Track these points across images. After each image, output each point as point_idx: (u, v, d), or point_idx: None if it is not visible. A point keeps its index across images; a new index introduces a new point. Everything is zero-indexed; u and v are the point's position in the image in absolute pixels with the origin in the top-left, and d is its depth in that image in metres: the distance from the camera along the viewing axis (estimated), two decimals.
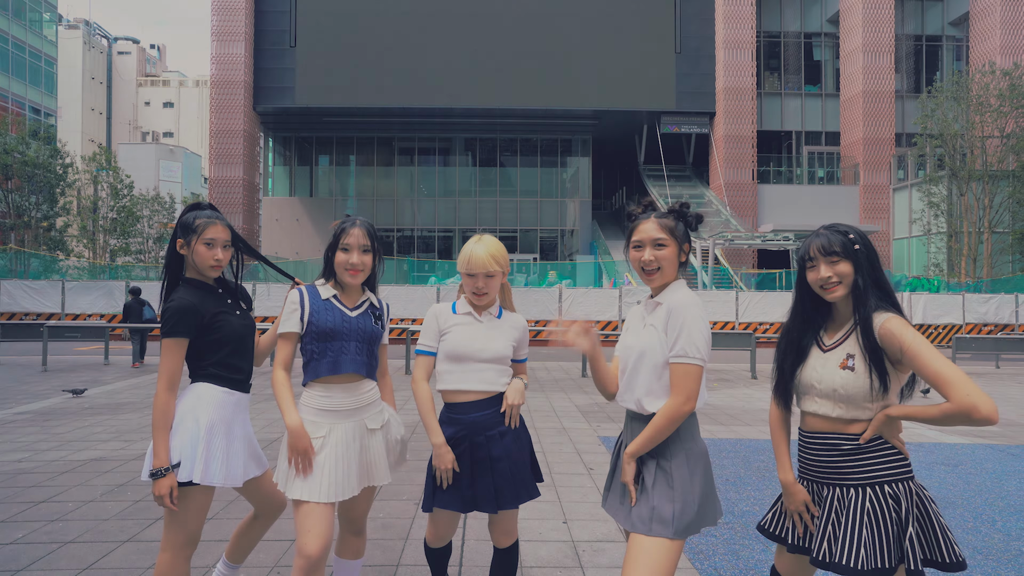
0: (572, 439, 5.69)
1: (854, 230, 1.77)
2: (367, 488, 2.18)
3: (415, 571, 2.89)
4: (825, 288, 1.75)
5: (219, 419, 2.06)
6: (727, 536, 3.41)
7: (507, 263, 2.13)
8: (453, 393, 2.09)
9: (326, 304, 2.11)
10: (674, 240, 1.84)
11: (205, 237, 2.08)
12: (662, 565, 1.67)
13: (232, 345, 2.11)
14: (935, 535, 1.65)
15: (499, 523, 2.15)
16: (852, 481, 1.70)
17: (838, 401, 1.71)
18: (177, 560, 2.01)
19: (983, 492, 4.33)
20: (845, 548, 1.65)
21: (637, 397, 1.82)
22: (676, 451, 1.78)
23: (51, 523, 3.42)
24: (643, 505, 1.75)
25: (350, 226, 2.11)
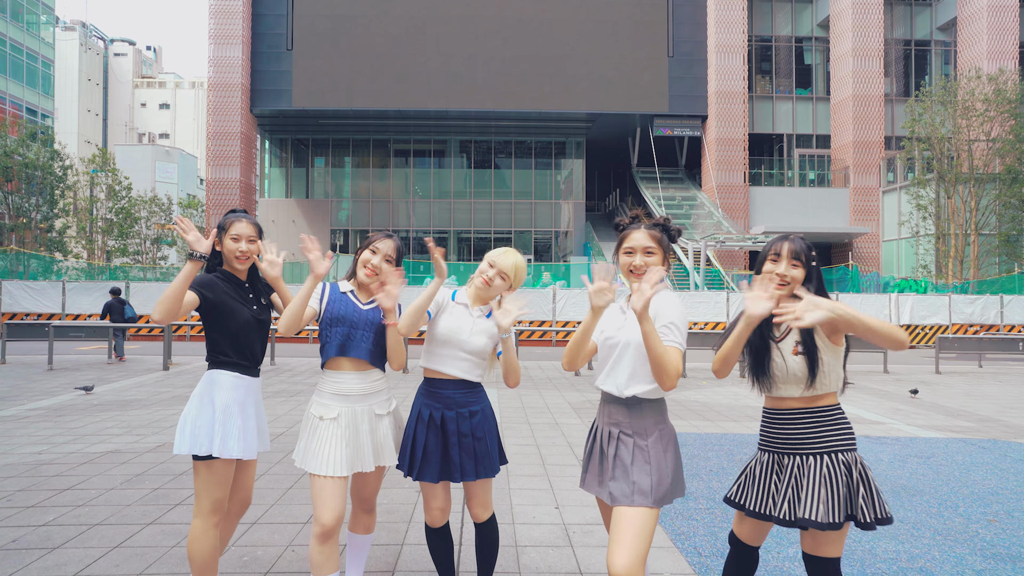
0: (564, 433, 5.96)
1: (813, 247, 2.10)
2: (377, 468, 2.44)
3: (418, 549, 3.15)
4: (777, 283, 2.04)
5: (233, 400, 2.35)
6: (707, 520, 3.69)
7: (520, 282, 2.40)
8: (435, 372, 2.37)
9: (343, 296, 2.42)
10: (661, 249, 2.10)
11: (232, 232, 2.42)
12: (645, 530, 1.94)
13: (243, 333, 2.40)
14: (876, 497, 1.97)
15: (473, 496, 2.42)
16: (812, 450, 2.01)
17: (801, 382, 2.01)
18: (206, 525, 2.30)
19: (950, 482, 4.62)
20: (807, 506, 1.94)
21: (618, 382, 2.07)
22: (651, 430, 2.05)
23: (78, 508, 3.66)
24: (623, 481, 2.01)
25: (384, 237, 2.44)
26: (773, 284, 2.01)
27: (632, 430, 2.05)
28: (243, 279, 2.50)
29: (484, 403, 2.43)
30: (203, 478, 2.30)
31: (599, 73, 28.02)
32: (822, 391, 2.02)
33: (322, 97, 28.06)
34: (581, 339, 2.10)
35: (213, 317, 2.39)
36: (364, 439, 2.34)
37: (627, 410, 2.07)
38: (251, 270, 2.54)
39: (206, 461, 2.29)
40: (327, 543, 2.23)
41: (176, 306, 2.21)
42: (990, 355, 14.14)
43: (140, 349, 14.13)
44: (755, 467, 2.17)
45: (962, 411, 7.62)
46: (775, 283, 2.02)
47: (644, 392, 2.04)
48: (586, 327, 2.08)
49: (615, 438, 2.08)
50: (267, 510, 3.69)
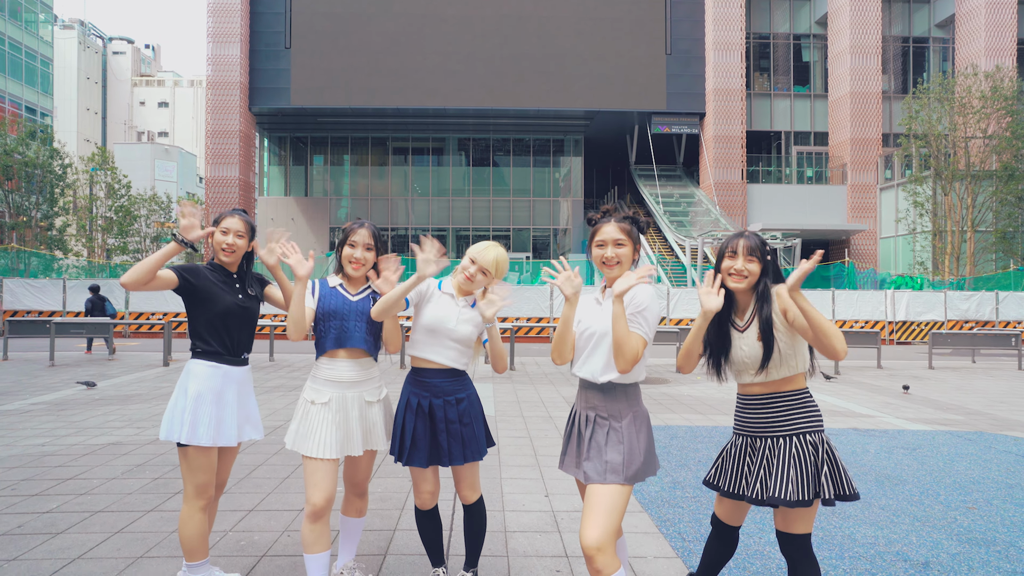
0: (557, 426, 6.06)
1: (767, 242, 2.22)
2: (367, 452, 2.54)
3: (410, 535, 3.25)
4: (732, 276, 2.16)
5: (207, 389, 2.44)
6: (693, 508, 3.79)
7: (502, 275, 2.51)
8: (422, 360, 2.47)
9: (332, 291, 2.51)
10: (631, 240, 2.23)
11: (222, 226, 2.54)
12: (616, 506, 2.05)
13: (223, 319, 2.50)
14: (840, 475, 2.07)
15: (461, 479, 2.52)
16: (781, 432, 2.12)
17: (770, 367, 2.12)
18: (192, 509, 2.42)
19: (934, 472, 4.72)
20: (778, 485, 2.06)
21: (593, 369, 2.18)
22: (625, 413, 2.16)
23: (80, 496, 3.76)
24: (597, 460, 2.12)
25: (359, 227, 2.51)
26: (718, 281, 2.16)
27: (608, 413, 2.16)
28: (232, 271, 2.61)
29: (470, 390, 2.53)
30: (183, 464, 2.44)
31: (597, 71, 28.07)
32: (786, 374, 2.12)
33: (321, 95, 28.12)
34: (563, 330, 2.22)
35: (194, 302, 2.49)
36: (353, 424, 2.43)
37: (603, 395, 2.18)
38: (243, 266, 2.64)
39: (183, 448, 2.42)
40: (318, 522, 2.33)
41: (145, 276, 2.32)
42: (984, 351, 14.24)
43: (140, 346, 14.24)
44: (730, 450, 2.27)
45: (952, 405, 7.72)
46: (734, 278, 2.16)
47: (619, 377, 2.15)
48: (566, 318, 2.20)
49: (592, 421, 2.18)
50: (264, 498, 3.80)
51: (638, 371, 2.18)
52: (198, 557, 2.44)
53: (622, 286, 2.04)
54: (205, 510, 2.45)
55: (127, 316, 16.79)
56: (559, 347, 2.24)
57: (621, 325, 2.04)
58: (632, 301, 2.14)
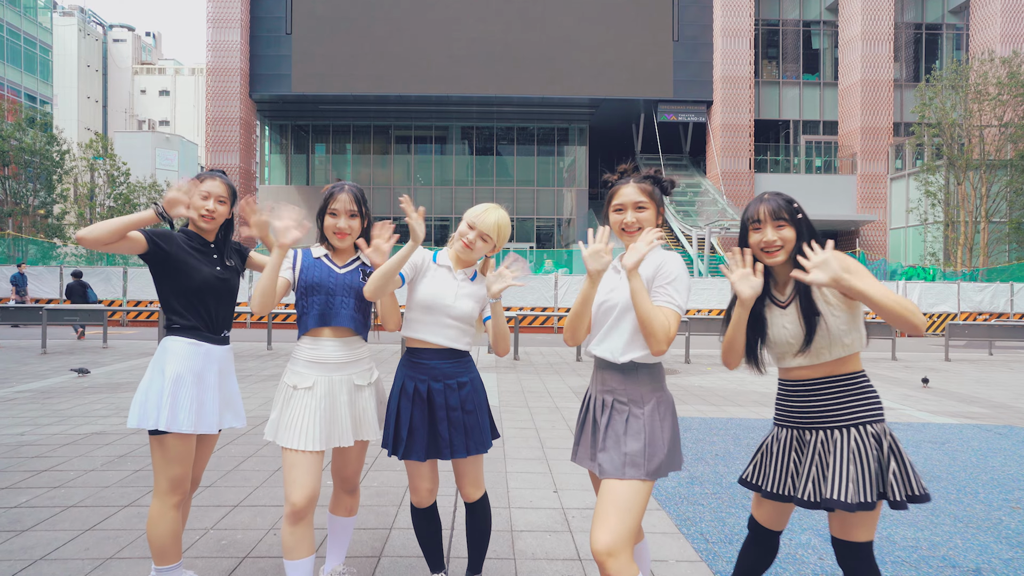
0: (564, 417, 5.77)
1: (795, 200, 1.88)
2: (358, 443, 2.25)
3: (407, 534, 2.97)
4: (767, 252, 1.84)
5: (187, 370, 2.15)
6: (714, 505, 3.50)
7: (503, 241, 2.20)
8: (419, 341, 2.16)
9: (316, 262, 2.20)
10: (653, 203, 1.94)
11: (202, 189, 2.24)
12: (634, 504, 1.75)
13: (199, 292, 2.21)
14: (907, 472, 1.74)
15: (464, 474, 2.22)
16: (836, 422, 1.80)
17: (820, 347, 1.80)
18: (164, 506, 2.12)
19: (968, 468, 4.42)
20: (835, 486, 1.73)
21: (613, 347, 1.88)
22: (648, 397, 1.86)
23: (53, 489, 3.49)
24: (614, 451, 1.82)
25: (338, 191, 2.20)
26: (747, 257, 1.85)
27: (627, 398, 1.87)
28: (210, 240, 2.31)
29: (473, 373, 2.23)
30: (157, 455, 2.13)
31: (602, 58, 27.56)
32: (840, 355, 1.80)
33: (322, 82, 27.70)
34: (581, 308, 1.92)
35: (165, 272, 2.20)
36: (342, 411, 2.13)
37: (622, 376, 1.88)
38: (220, 235, 2.35)
39: (159, 436, 2.11)
40: (299, 524, 2.04)
41: (109, 236, 2.04)
42: (1000, 342, 13.91)
43: (137, 334, 14.00)
44: (771, 444, 1.96)
45: (974, 398, 7.41)
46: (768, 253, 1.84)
47: (642, 357, 1.86)
48: (585, 295, 1.90)
49: (609, 407, 1.89)
50: (251, 492, 3.52)
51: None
52: (169, 560, 2.15)
53: (633, 258, 1.77)
54: (179, 507, 2.17)
55: (125, 303, 16.54)
56: (574, 326, 1.95)
57: (642, 301, 1.76)
58: (660, 271, 1.85)
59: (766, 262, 1.86)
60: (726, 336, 1.94)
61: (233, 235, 2.43)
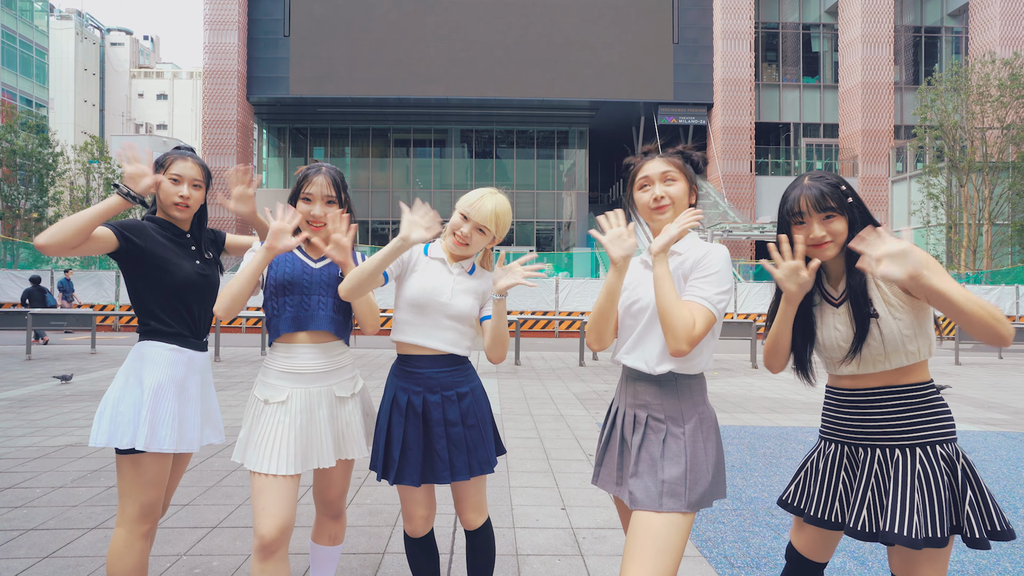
0: (570, 425, 5.49)
1: (843, 179, 1.59)
2: (341, 464, 1.96)
3: (403, 559, 2.68)
4: (816, 247, 1.56)
5: (168, 379, 1.86)
6: (736, 523, 3.22)
7: (503, 231, 1.94)
8: (411, 347, 1.88)
9: (288, 256, 1.91)
10: (684, 176, 1.65)
11: (171, 172, 1.92)
12: (674, 542, 1.47)
13: (181, 293, 1.91)
14: (987, 503, 1.47)
15: (464, 498, 1.92)
16: (899, 441, 1.52)
17: (875, 354, 1.53)
18: (132, 536, 1.82)
19: (1000, 479, 4.15)
20: (896, 516, 1.45)
21: (647, 356, 1.60)
22: (689, 415, 1.58)
23: (14, 510, 3.19)
24: (649, 478, 1.54)
25: (314, 174, 1.92)
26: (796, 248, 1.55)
27: (664, 414, 1.59)
28: (185, 230, 2.01)
29: (474, 382, 1.94)
30: (128, 477, 1.82)
31: (603, 60, 27.39)
32: (903, 363, 1.52)
33: (320, 85, 27.47)
34: (606, 304, 1.63)
35: (142, 271, 1.88)
36: (322, 427, 1.85)
37: (658, 389, 1.60)
38: (194, 222, 2.05)
39: (131, 456, 1.81)
40: (270, 559, 1.73)
41: (72, 238, 1.69)
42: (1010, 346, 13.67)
43: (128, 339, 13.69)
44: (817, 461, 1.69)
45: (993, 403, 7.15)
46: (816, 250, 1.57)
47: (681, 367, 1.57)
48: (610, 288, 1.61)
49: (642, 424, 1.61)
50: (231, 512, 3.23)
51: (704, 357, 1.61)
52: None
53: (662, 240, 1.53)
54: (148, 536, 1.87)
55: (117, 307, 16.23)
56: (599, 327, 1.67)
57: (664, 290, 1.50)
58: (701, 262, 1.57)
59: (813, 257, 1.58)
60: (770, 335, 1.67)
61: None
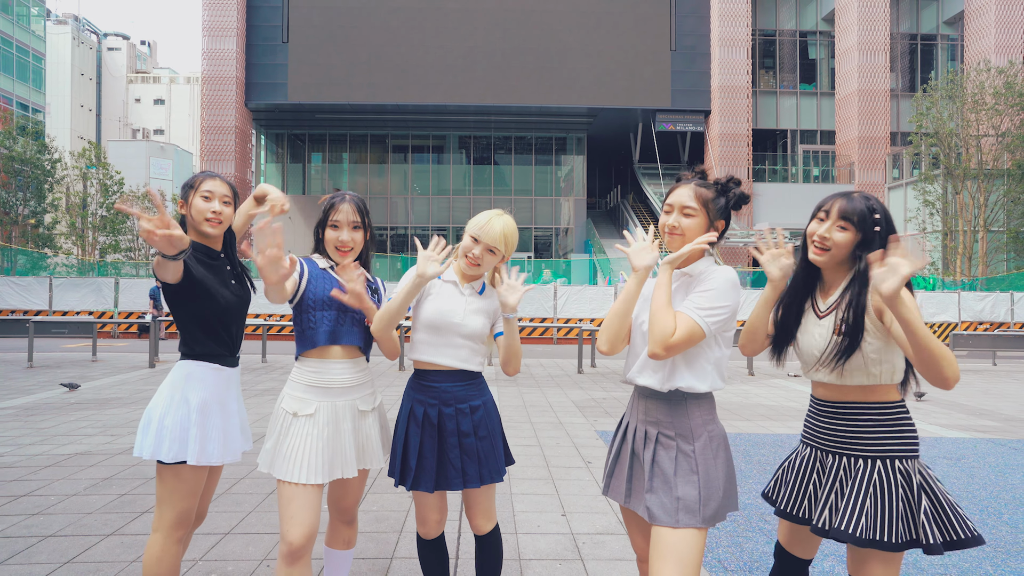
0: (569, 433, 5.59)
1: (882, 208, 1.68)
2: (360, 473, 2.08)
3: (410, 564, 2.79)
4: (816, 245, 1.71)
5: (212, 397, 1.98)
6: (730, 529, 3.33)
7: (512, 250, 2.06)
8: (427, 364, 2.01)
9: (323, 274, 2.03)
10: (705, 213, 1.73)
11: (202, 190, 2.00)
12: (692, 555, 1.59)
13: (221, 317, 2.02)
14: (946, 514, 1.59)
15: (475, 505, 2.05)
16: (862, 452, 1.66)
17: (836, 369, 1.67)
18: (168, 541, 1.93)
19: (987, 486, 4.27)
20: (846, 516, 1.60)
21: (659, 374, 1.70)
22: (699, 432, 1.69)
23: (31, 517, 3.29)
24: (665, 495, 1.65)
25: (340, 202, 2.03)
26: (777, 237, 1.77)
27: (675, 431, 1.69)
28: (217, 249, 2.09)
29: (486, 396, 2.07)
30: (169, 486, 1.92)
31: (600, 67, 27.60)
32: (864, 382, 1.64)
33: (318, 91, 27.61)
34: (622, 309, 1.74)
35: (189, 297, 1.96)
36: (346, 439, 1.97)
37: (668, 407, 1.71)
38: (225, 241, 2.13)
39: (173, 467, 1.92)
40: (296, 565, 1.85)
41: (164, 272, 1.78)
42: (1003, 353, 13.81)
43: (128, 346, 13.75)
44: (795, 461, 1.84)
45: (983, 410, 7.28)
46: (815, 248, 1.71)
47: (690, 386, 1.68)
48: (628, 295, 1.73)
49: (653, 440, 1.71)
50: (243, 519, 3.33)
51: (707, 377, 1.70)
52: None
53: (673, 255, 1.69)
54: (182, 541, 1.98)
55: (116, 315, 16.30)
56: (614, 331, 1.75)
57: (659, 294, 1.64)
58: (703, 278, 1.69)
59: (809, 256, 1.73)
60: (749, 318, 1.82)
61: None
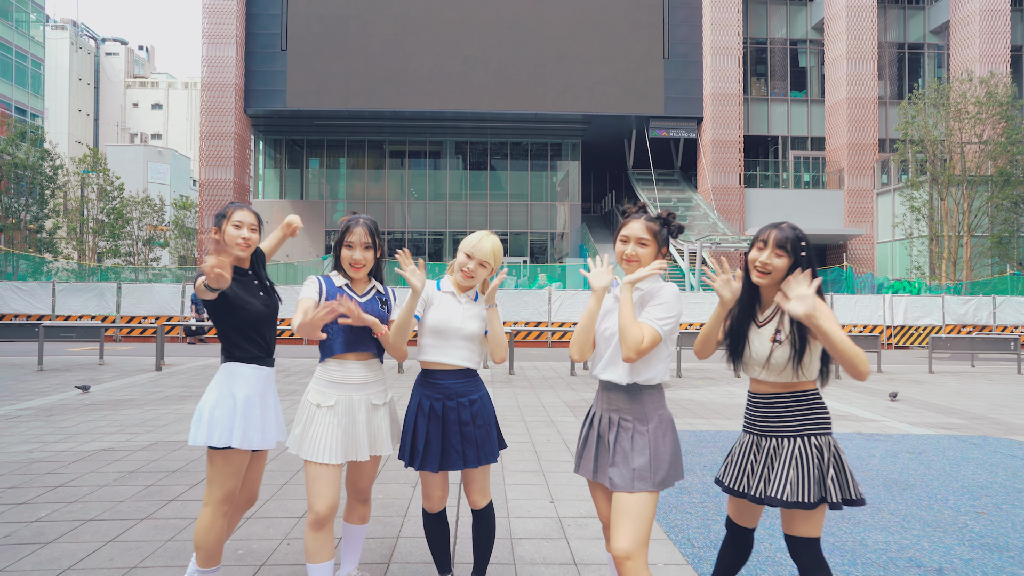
0: (559, 431, 5.97)
1: (805, 236, 2.10)
2: (372, 458, 2.46)
3: (413, 542, 3.15)
4: (758, 270, 2.08)
5: (254, 392, 2.37)
6: (700, 513, 3.71)
7: (499, 263, 2.45)
8: (433, 364, 2.40)
9: (339, 291, 2.41)
10: (655, 242, 2.14)
11: (233, 220, 2.43)
12: (645, 514, 1.99)
13: (255, 325, 2.41)
14: (847, 479, 2.00)
15: (472, 483, 2.44)
16: (786, 433, 2.06)
17: (771, 368, 2.06)
18: (216, 514, 2.31)
19: (941, 476, 4.66)
20: (776, 486, 2.00)
21: (619, 372, 2.10)
22: (651, 416, 2.09)
23: (70, 504, 3.64)
24: (623, 467, 2.04)
25: (354, 225, 2.42)
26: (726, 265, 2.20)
27: (633, 416, 2.09)
28: (246, 267, 2.50)
29: (482, 391, 2.46)
30: (218, 468, 2.31)
31: (595, 75, 28.07)
32: (791, 379, 2.05)
33: (317, 98, 27.99)
34: (587, 323, 2.14)
35: (225, 310, 2.37)
36: (360, 428, 2.35)
37: (627, 397, 2.11)
38: (253, 260, 2.55)
39: (223, 451, 2.31)
40: (321, 531, 2.25)
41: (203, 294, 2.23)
42: (982, 355, 14.26)
43: (132, 350, 14.07)
44: (737, 447, 2.23)
45: (953, 409, 7.68)
46: (756, 272, 2.09)
47: (645, 380, 2.08)
48: (590, 312, 2.13)
49: (615, 424, 2.11)
50: (263, 505, 3.69)
51: (657, 370, 2.10)
52: (213, 563, 2.36)
53: (632, 276, 2.05)
54: (227, 516, 2.37)
55: (118, 319, 16.60)
56: (582, 341, 2.16)
57: (626, 312, 2.00)
58: (656, 293, 2.09)
59: (752, 279, 2.11)
60: (703, 330, 2.23)
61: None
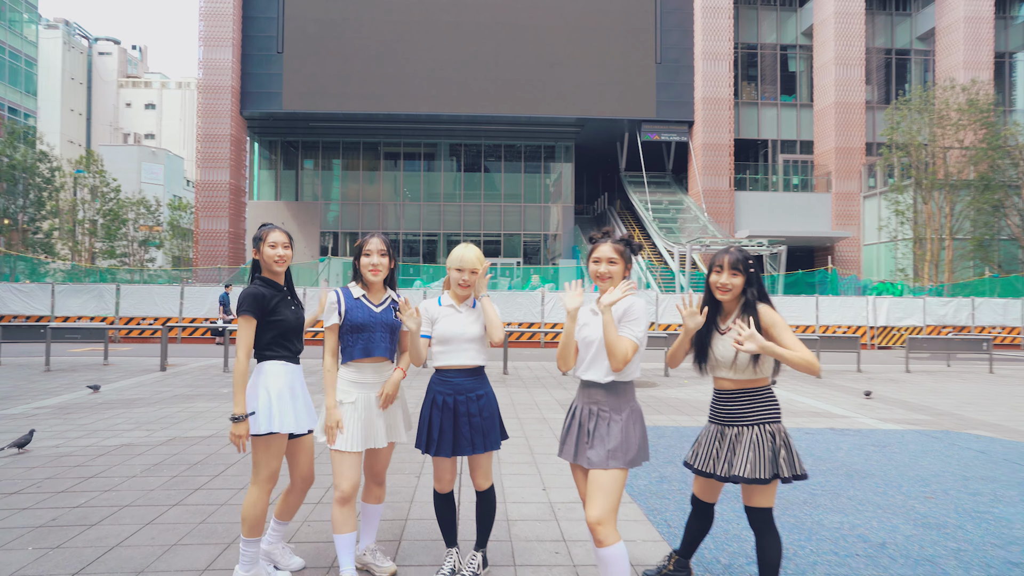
0: (552, 428, 6.36)
1: (751, 256, 2.55)
2: (388, 444, 2.86)
3: (419, 524, 3.54)
4: (720, 289, 2.53)
5: (284, 386, 2.76)
6: (679, 499, 4.11)
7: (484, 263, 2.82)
8: (445, 365, 2.80)
9: (357, 302, 2.80)
10: (622, 260, 2.58)
11: (269, 241, 2.81)
12: (616, 487, 2.40)
13: (287, 329, 2.81)
14: (793, 458, 2.45)
15: (477, 467, 2.84)
16: (746, 422, 2.50)
17: (734, 368, 2.50)
18: (262, 492, 2.71)
19: (899, 466, 5.08)
20: (738, 465, 2.45)
21: (599, 372, 2.52)
22: (624, 407, 2.51)
23: (106, 492, 4.00)
24: (599, 448, 2.46)
25: (370, 238, 2.85)
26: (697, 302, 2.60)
27: (609, 407, 2.51)
28: (281, 283, 2.86)
29: (488, 388, 2.87)
30: (261, 452, 2.70)
31: (588, 78, 28.54)
32: (751, 376, 2.50)
33: (312, 100, 28.29)
34: (567, 341, 2.57)
35: (265, 322, 2.75)
36: (377, 420, 2.76)
37: (605, 392, 2.52)
38: (286, 276, 2.92)
39: (265, 438, 2.69)
40: (346, 506, 2.67)
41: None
42: (959, 355, 14.77)
43: (133, 351, 14.34)
44: (704, 436, 2.66)
45: (923, 406, 8.13)
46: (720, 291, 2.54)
47: (619, 376, 2.51)
48: (568, 330, 2.55)
49: (595, 415, 2.52)
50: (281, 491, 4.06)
51: (632, 370, 2.52)
52: (257, 534, 2.73)
53: (608, 299, 2.43)
54: (269, 494, 2.74)
55: (117, 320, 16.84)
56: (564, 356, 2.58)
57: (610, 331, 2.40)
58: (629, 310, 2.50)
59: (718, 297, 2.55)
60: (672, 347, 2.69)
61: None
